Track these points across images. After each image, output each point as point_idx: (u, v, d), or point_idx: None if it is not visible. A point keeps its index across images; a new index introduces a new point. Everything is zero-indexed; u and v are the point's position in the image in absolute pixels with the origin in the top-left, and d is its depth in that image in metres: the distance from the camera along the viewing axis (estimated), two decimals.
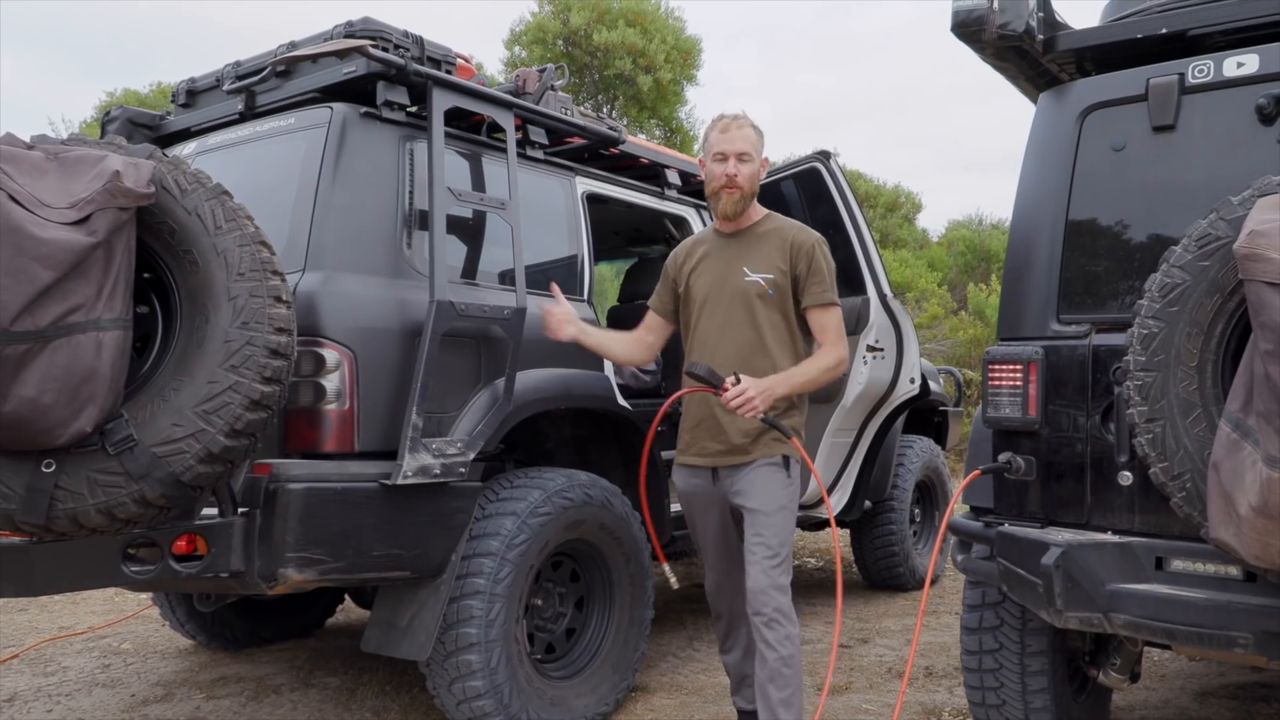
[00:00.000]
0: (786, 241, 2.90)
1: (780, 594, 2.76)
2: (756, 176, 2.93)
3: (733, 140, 2.90)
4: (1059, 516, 2.65)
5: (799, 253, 2.89)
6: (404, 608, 3.15)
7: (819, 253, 2.90)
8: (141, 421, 2.33)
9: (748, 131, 2.92)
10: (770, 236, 2.93)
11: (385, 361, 3.00)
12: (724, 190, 2.90)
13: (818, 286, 2.88)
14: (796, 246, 2.89)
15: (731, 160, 2.89)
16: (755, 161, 2.92)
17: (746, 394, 2.70)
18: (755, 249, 2.93)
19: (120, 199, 2.25)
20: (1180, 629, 2.30)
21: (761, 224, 2.98)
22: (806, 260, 2.88)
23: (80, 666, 4.29)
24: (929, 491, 6.03)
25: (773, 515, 2.83)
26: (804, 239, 2.91)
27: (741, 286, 2.90)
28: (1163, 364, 2.19)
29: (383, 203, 3.18)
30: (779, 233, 2.93)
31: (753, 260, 2.91)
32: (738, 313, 2.91)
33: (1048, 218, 2.73)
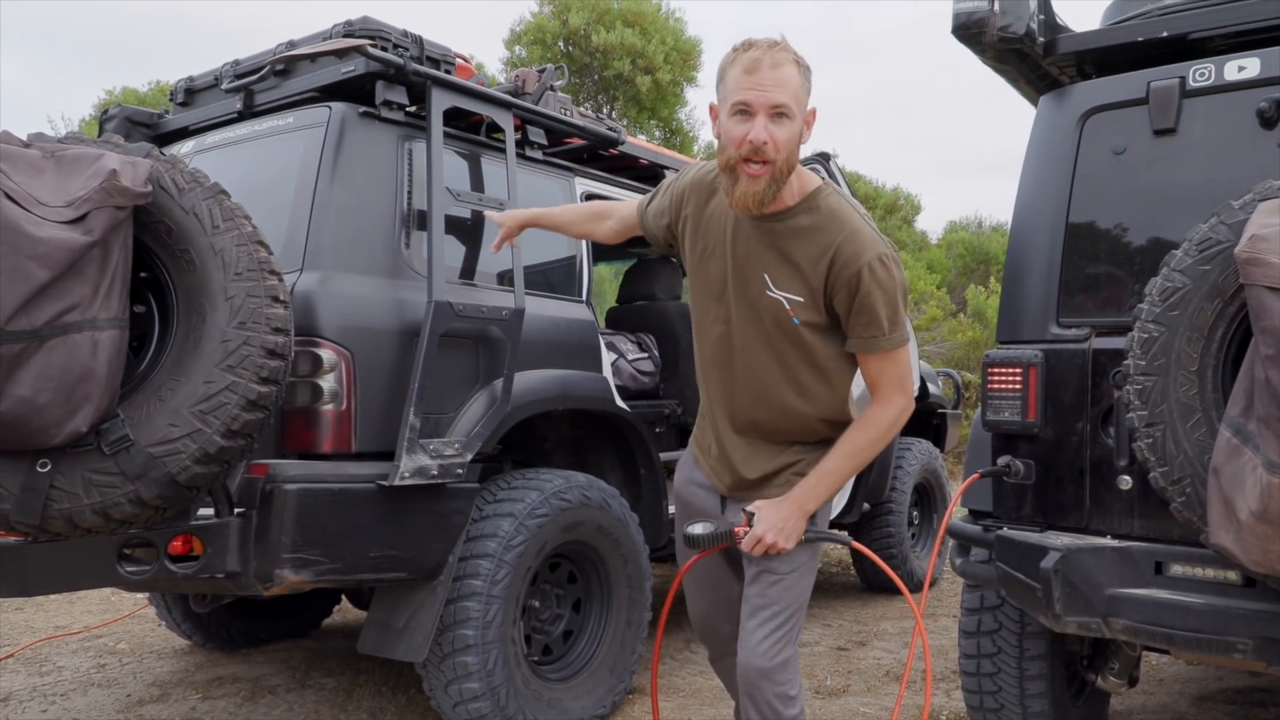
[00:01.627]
0: (828, 252, 1.98)
1: (781, 674, 2.10)
2: (796, 143, 1.93)
3: (763, 86, 1.86)
4: (1058, 520, 2.65)
5: (840, 276, 1.98)
6: (401, 609, 3.14)
7: (877, 288, 1.97)
8: (138, 421, 2.32)
9: (787, 72, 1.88)
10: (810, 235, 2.01)
11: (383, 362, 2.99)
12: (743, 165, 1.90)
13: (866, 329, 2.01)
14: (840, 265, 1.98)
15: (760, 118, 1.87)
16: (797, 120, 1.91)
17: (764, 541, 2.04)
18: (786, 249, 2.02)
19: (117, 198, 2.24)
20: (1179, 634, 2.29)
21: (804, 206, 2.01)
22: (850, 291, 1.98)
23: (76, 666, 4.28)
24: (927, 494, 6.02)
25: (785, 577, 2.13)
26: (853, 255, 1.97)
27: (762, 301, 2.05)
28: (1163, 368, 2.18)
29: (381, 203, 3.17)
30: (822, 232, 2.00)
31: (779, 268, 2.03)
32: (757, 334, 2.08)
33: (1048, 221, 2.72)
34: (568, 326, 3.69)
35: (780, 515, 2.05)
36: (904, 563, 5.60)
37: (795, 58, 1.92)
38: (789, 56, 1.90)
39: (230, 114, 3.52)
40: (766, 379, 2.10)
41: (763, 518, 2.06)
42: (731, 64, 1.92)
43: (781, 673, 2.10)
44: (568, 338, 3.66)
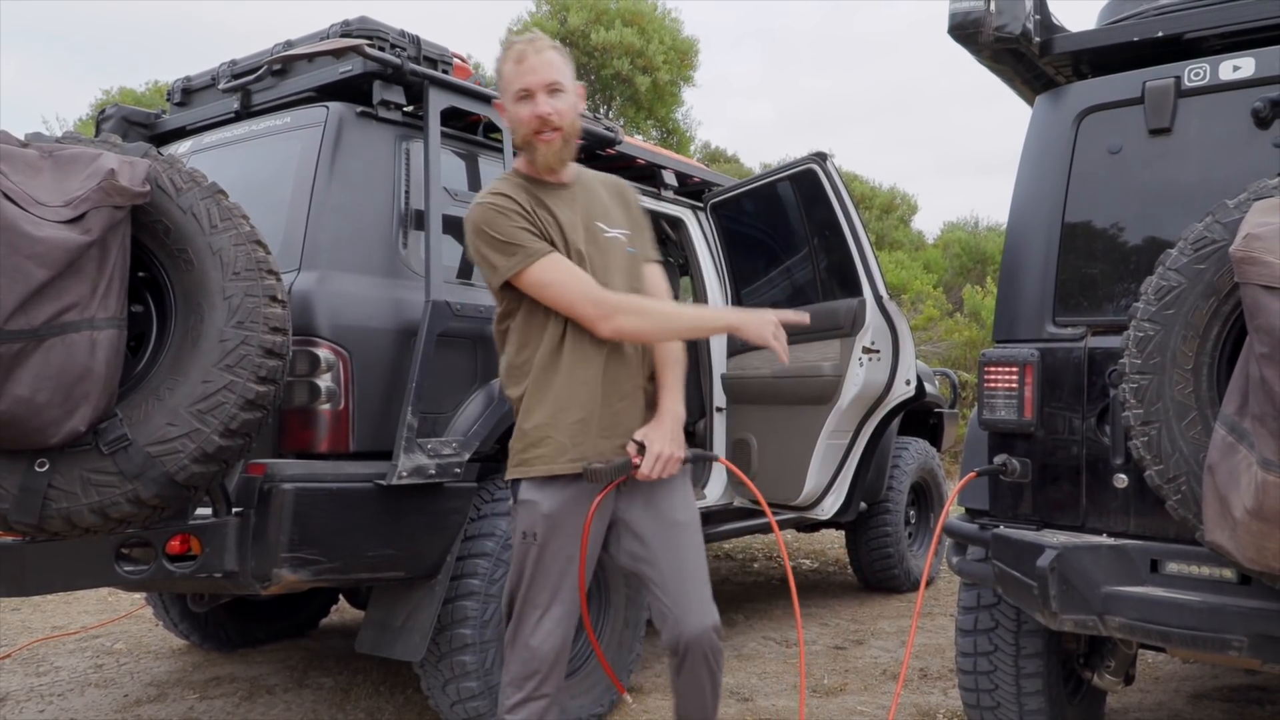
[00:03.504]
0: (616, 191, 2.38)
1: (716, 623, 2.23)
2: (575, 111, 2.23)
3: (535, 70, 2.17)
4: (1054, 519, 2.65)
5: (629, 204, 2.38)
6: (398, 608, 3.15)
7: (637, 205, 2.41)
8: (136, 421, 2.32)
9: (549, 55, 2.20)
10: (601, 187, 2.36)
11: (380, 361, 2.99)
12: (538, 137, 2.18)
13: (646, 241, 2.37)
14: (626, 196, 2.39)
15: (540, 96, 2.16)
16: (570, 92, 2.21)
17: (662, 456, 2.15)
18: (597, 201, 2.32)
19: (115, 197, 2.24)
20: (1175, 631, 2.30)
21: (584, 175, 2.37)
22: (637, 213, 2.38)
23: (73, 666, 4.28)
24: (924, 493, 6.03)
25: (698, 531, 2.30)
26: (628, 188, 2.41)
27: (611, 244, 2.29)
28: (1158, 367, 2.19)
29: (379, 202, 3.17)
30: (603, 181, 2.39)
31: (603, 214, 2.30)
32: (620, 277, 2.26)
33: (1044, 220, 2.73)
34: None
35: (663, 431, 2.19)
36: (900, 562, 5.61)
37: (552, 44, 2.23)
38: (547, 43, 2.22)
39: (227, 114, 3.53)
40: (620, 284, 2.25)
41: (654, 439, 2.17)
42: (503, 62, 2.22)
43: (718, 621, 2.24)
44: None
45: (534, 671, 2.20)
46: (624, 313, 2.17)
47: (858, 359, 4.00)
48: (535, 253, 2.14)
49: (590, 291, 2.15)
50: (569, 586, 2.21)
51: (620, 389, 2.23)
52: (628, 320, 2.17)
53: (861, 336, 4.01)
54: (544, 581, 2.19)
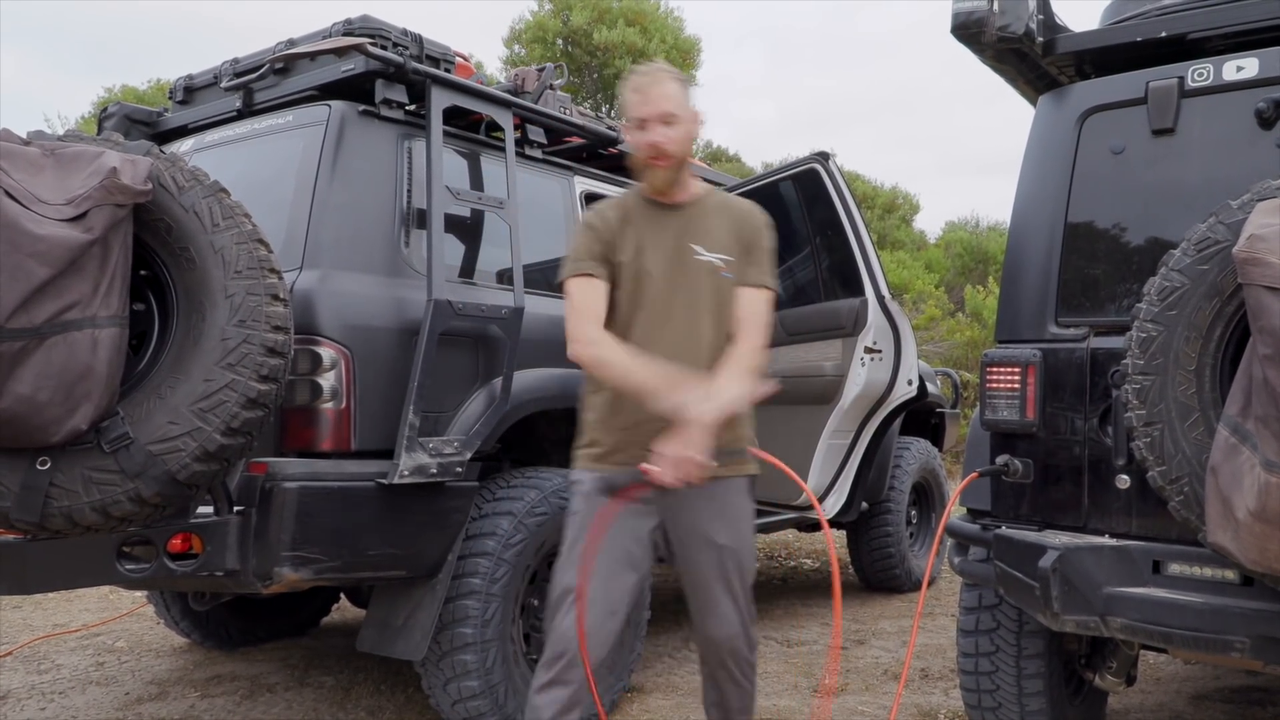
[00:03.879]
0: (736, 219, 2.46)
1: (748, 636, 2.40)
2: (688, 140, 2.39)
3: (652, 101, 2.32)
4: (1056, 519, 2.65)
5: (746, 230, 2.45)
6: (399, 607, 3.15)
7: (766, 234, 2.47)
8: (137, 419, 2.32)
9: (668, 87, 2.34)
10: (721, 212, 2.46)
11: (382, 360, 2.99)
12: (650, 162, 2.35)
13: (756, 266, 2.43)
14: (747, 223, 2.46)
15: (654, 126, 2.32)
16: (684, 122, 2.35)
17: (680, 463, 2.13)
18: (704, 225, 2.43)
19: (117, 195, 2.25)
20: (1177, 633, 2.29)
21: (708, 199, 2.49)
22: (755, 239, 2.45)
23: (74, 664, 4.28)
24: (925, 493, 6.03)
25: (747, 554, 2.41)
26: (756, 217, 2.48)
27: (696, 265, 2.40)
28: (1161, 368, 2.19)
29: (381, 201, 3.17)
30: (728, 207, 2.48)
31: (704, 237, 2.41)
32: (692, 296, 2.39)
33: (1046, 220, 2.73)
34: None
35: (681, 438, 2.14)
36: (902, 562, 5.61)
37: (672, 75, 2.38)
38: (666, 75, 2.37)
39: (229, 112, 3.53)
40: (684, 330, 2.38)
41: (664, 447, 2.15)
42: (626, 91, 2.39)
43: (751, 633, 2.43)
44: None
45: (560, 653, 2.27)
46: (590, 347, 2.29)
47: (860, 359, 4.00)
48: (573, 270, 2.36)
49: (580, 321, 2.32)
50: (600, 581, 2.28)
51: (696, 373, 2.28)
52: (586, 355, 2.30)
53: (864, 336, 4.02)
54: (572, 566, 2.31)
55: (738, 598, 2.39)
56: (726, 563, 2.37)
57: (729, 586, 2.38)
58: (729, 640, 2.39)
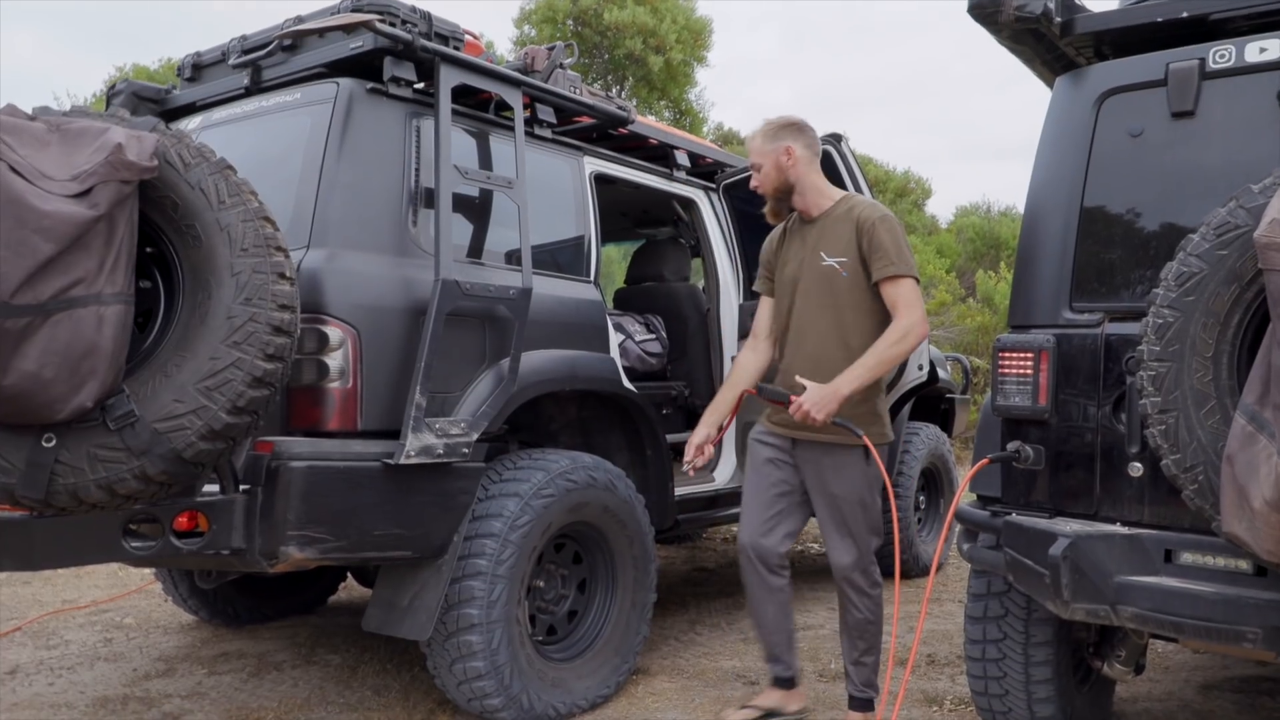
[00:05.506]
0: (853, 222, 2.99)
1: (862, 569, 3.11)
2: (776, 174, 3.07)
3: (750, 153, 3.16)
4: (1067, 507, 2.62)
5: (862, 230, 2.97)
6: (405, 587, 3.14)
7: (880, 228, 2.94)
8: (143, 397, 2.31)
9: (753, 143, 3.14)
10: (844, 219, 3.02)
11: (389, 340, 2.98)
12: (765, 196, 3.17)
13: (881, 260, 2.93)
14: (860, 224, 2.98)
15: (754, 174, 3.15)
16: (767, 163, 3.08)
17: (803, 408, 2.85)
18: (831, 232, 3.03)
19: (123, 172, 2.23)
20: (1188, 623, 2.27)
21: (838, 207, 3.07)
22: (869, 237, 2.95)
23: (82, 640, 4.30)
24: (934, 479, 6.00)
25: (854, 505, 3.06)
26: (867, 215, 2.98)
27: (821, 271, 3.02)
28: (1177, 354, 2.15)
29: (389, 180, 3.15)
30: (849, 213, 3.02)
31: (828, 244, 3.02)
32: (820, 298, 3.02)
33: (1062, 204, 2.68)
34: (575, 306, 3.67)
35: (817, 395, 2.86)
36: (909, 547, 5.59)
37: (759, 131, 3.13)
38: (755, 132, 3.16)
39: (237, 89, 3.50)
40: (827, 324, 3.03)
41: (808, 393, 2.88)
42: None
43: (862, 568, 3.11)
44: (575, 318, 3.65)
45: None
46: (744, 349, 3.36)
47: None
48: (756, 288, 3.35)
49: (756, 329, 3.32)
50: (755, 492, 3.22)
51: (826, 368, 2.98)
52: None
53: None
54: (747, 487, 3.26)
55: (852, 536, 3.08)
56: (841, 509, 3.07)
57: (840, 527, 3.09)
58: (842, 569, 3.11)
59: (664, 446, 3.95)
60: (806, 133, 3.13)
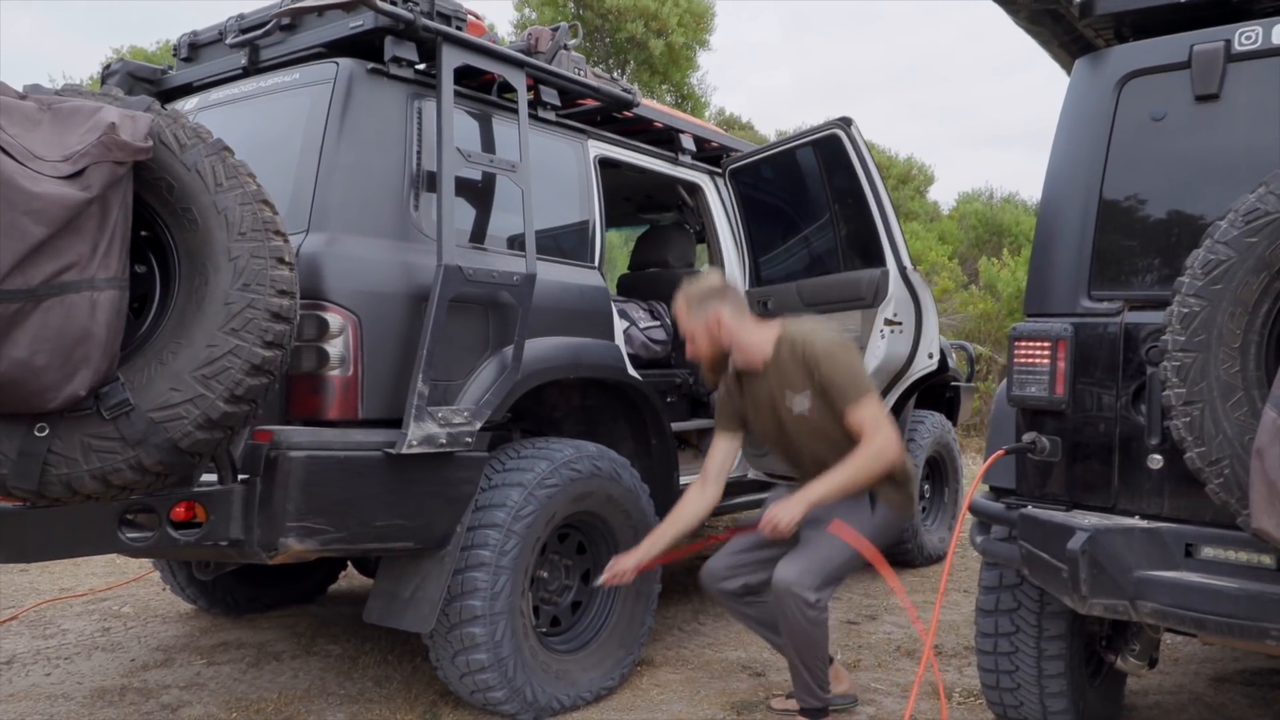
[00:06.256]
0: (800, 361, 3.03)
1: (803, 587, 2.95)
2: (710, 344, 3.12)
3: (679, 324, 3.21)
4: (1084, 499, 2.57)
5: (813, 368, 3.01)
6: (407, 579, 3.09)
7: (825, 365, 2.99)
8: (138, 385, 2.25)
9: (679, 314, 3.17)
10: (790, 360, 3.06)
11: (391, 327, 2.91)
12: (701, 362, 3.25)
13: (838, 396, 2.98)
14: (809, 363, 3.02)
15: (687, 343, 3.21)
16: (699, 334, 3.12)
17: (772, 521, 2.94)
18: (786, 378, 3.07)
19: (116, 152, 2.15)
20: (1210, 619, 2.22)
21: (779, 350, 3.09)
22: (819, 376, 3.00)
23: (80, 629, 4.26)
24: (939, 467, 5.95)
25: (833, 538, 2.99)
26: (811, 352, 3.01)
27: (796, 415, 3.08)
28: (1203, 344, 2.09)
29: (390, 163, 3.08)
30: (793, 354, 3.05)
31: (790, 388, 3.07)
32: (803, 435, 3.10)
33: (1081, 189, 2.62)
34: (580, 293, 3.61)
35: (785, 503, 2.95)
36: (914, 536, 5.54)
37: (683, 301, 3.14)
38: (678, 300, 3.16)
39: (235, 70, 3.42)
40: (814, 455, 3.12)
41: (772, 508, 2.97)
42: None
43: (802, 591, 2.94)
44: (580, 304, 3.58)
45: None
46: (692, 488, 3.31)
47: (879, 331, 3.91)
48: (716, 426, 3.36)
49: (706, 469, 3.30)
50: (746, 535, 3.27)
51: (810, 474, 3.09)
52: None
53: (884, 308, 3.91)
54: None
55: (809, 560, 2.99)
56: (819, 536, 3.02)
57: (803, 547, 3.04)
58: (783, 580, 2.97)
59: (669, 435, 3.89)
60: (728, 294, 3.14)
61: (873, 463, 2.94)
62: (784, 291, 4.44)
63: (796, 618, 2.97)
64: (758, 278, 4.64)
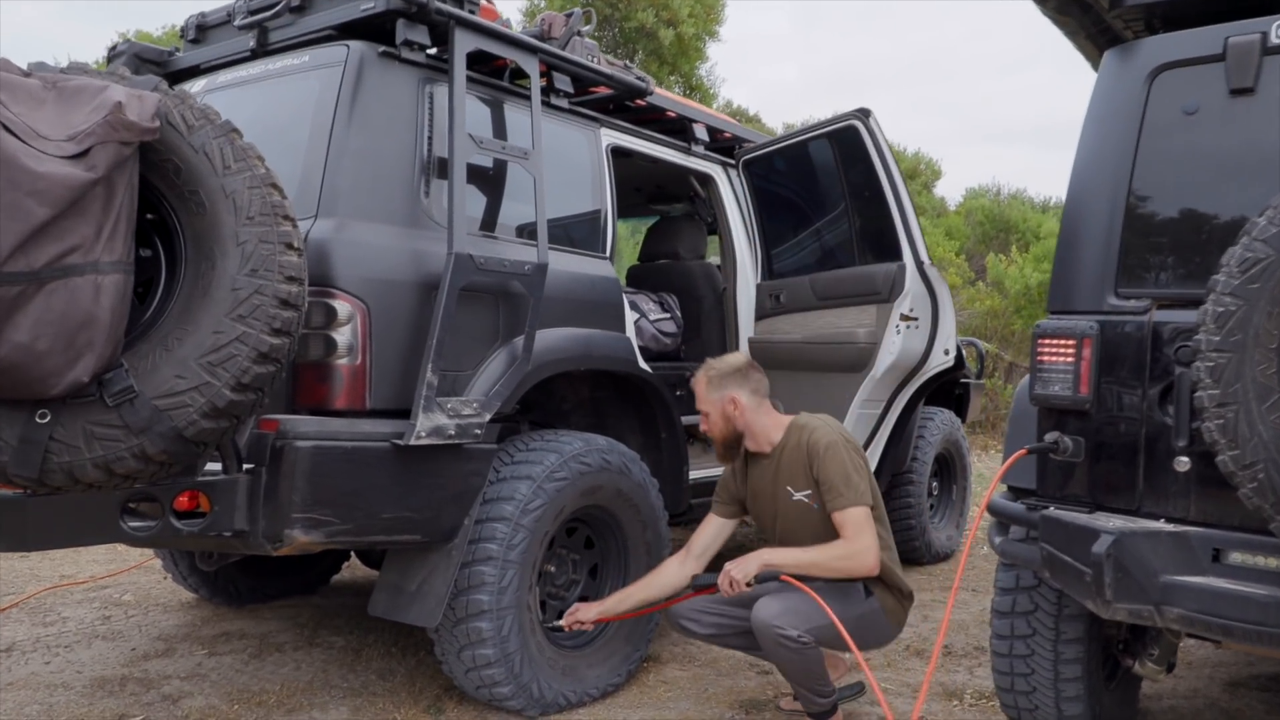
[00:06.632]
0: (804, 456, 3.02)
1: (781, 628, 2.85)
2: (724, 424, 3.11)
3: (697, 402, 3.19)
4: (1107, 501, 2.51)
5: (812, 466, 3.00)
6: (413, 572, 3.04)
7: (827, 460, 2.96)
8: (142, 372, 2.20)
9: (698, 389, 3.17)
10: (795, 450, 3.05)
11: (400, 315, 2.86)
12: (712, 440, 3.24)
13: (830, 494, 2.95)
14: (810, 460, 3.00)
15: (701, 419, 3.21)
16: (714, 413, 3.12)
17: (728, 574, 2.93)
18: (789, 467, 3.06)
19: (122, 132, 2.10)
20: (1238, 626, 2.16)
21: (789, 438, 3.09)
22: (818, 470, 2.98)
23: (80, 617, 4.21)
24: (947, 465, 5.90)
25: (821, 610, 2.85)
26: (814, 452, 2.99)
27: (794, 505, 3.05)
28: (1239, 345, 2.03)
29: (400, 148, 3.02)
30: (799, 445, 3.04)
31: (791, 479, 3.05)
32: (800, 529, 3.05)
33: (1109, 184, 2.55)
34: (591, 284, 3.55)
35: (740, 563, 2.94)
36: (922, 534, 5.49)
37: (704, 376, 3.15)
38: (699, 375, 3.17)
39: (243, 52, 3.36)
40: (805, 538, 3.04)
41: (727, 565, 2.95)
42: None
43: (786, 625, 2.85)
44: (591, 295, 3.53)
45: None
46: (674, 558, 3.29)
47: (895, 326, 3.85)
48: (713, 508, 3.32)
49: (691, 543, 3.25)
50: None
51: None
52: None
53: (900, 303, 3.85)
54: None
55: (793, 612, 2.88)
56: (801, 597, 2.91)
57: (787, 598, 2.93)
58: (761, 620, 2.88)
59: (679, 429, 3.84)
60: (751, 377, 3.12)
61: (841, 561, 2.91)
62: (797, 285, 4.38)
63: (782, 651, 2.89)
64: (770, 271, 4.58)
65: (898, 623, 3.12)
